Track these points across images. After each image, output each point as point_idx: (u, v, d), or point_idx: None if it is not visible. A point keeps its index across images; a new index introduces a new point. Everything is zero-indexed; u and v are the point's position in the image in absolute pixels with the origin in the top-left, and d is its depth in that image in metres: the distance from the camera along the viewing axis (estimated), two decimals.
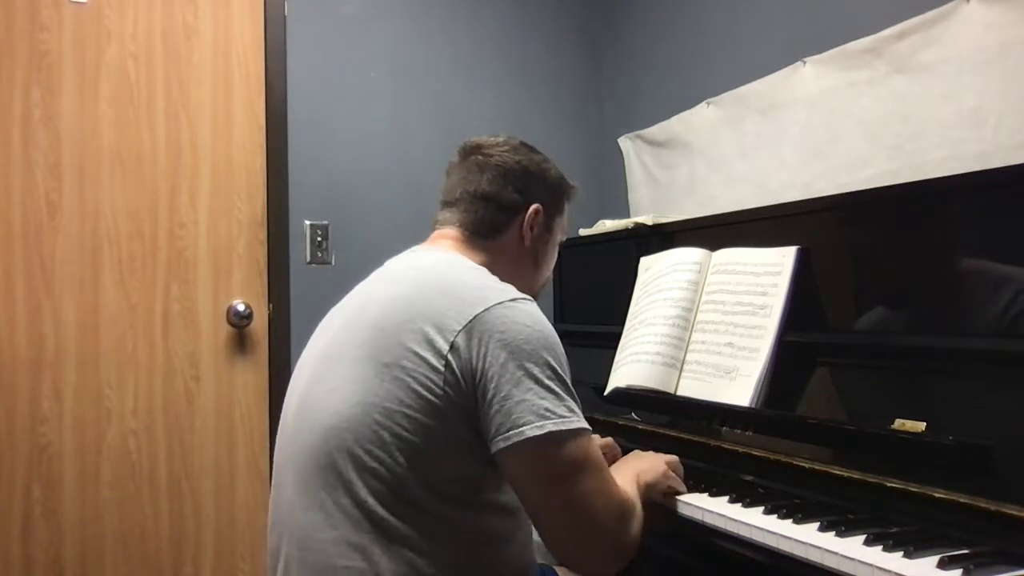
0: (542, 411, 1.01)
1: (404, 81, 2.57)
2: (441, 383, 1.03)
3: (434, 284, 1.11)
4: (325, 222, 2.46)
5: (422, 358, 1.03)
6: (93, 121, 2.23)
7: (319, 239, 2.45)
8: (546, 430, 1.00)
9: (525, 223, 1.27)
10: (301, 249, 2.44)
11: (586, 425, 1.05)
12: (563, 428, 1.01)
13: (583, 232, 2.28)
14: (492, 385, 1.02)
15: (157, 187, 2.29)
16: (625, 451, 1.57)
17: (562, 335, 2.29)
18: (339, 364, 1.10)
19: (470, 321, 1.04)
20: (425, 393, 1.03)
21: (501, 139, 1.31)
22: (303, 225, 2.44)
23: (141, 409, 2.26)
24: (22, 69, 2.17)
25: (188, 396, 2.31)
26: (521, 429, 1.00)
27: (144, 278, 2.27)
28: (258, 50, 2.40)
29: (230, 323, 2.34)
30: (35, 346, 2.16)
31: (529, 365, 1.03)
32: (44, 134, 2.18)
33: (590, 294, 2.25)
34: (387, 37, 2.57)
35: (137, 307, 2.26)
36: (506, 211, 1.26)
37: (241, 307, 2.34)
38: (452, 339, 1.03)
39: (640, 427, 1.67)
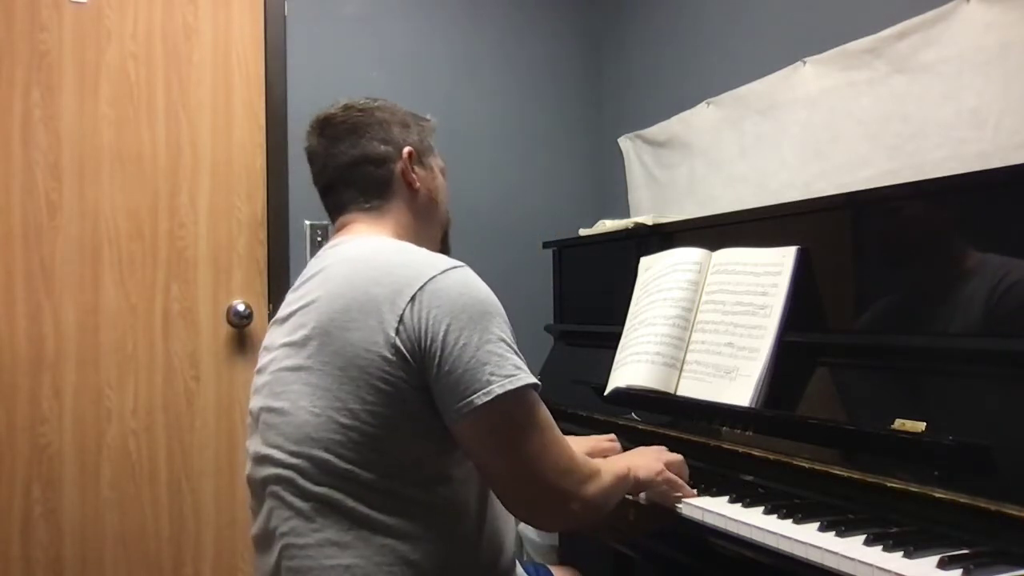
0: (487, 376, 1.02)
1: (404, 81, 2.57)
2: (395, 370, 1.04)
3: (366, 275, 1.10)
4: (325, 222, 2.45)
5: (373, 351, 1.04)
6: (93, 121, 2.23)
7: (319, 239, 2.45)
8: (493, 395, 1.02)
9: (405, 168, 1.26)
10: (301, 249, 2.44)
11: (532, 380, 1.06)
12: (509, 388, 1.02)
13: (583, 232, 2.28)
14: (436, 361, 1.03)
15: (157, 187, 2.29)
16: (626, 451, 1.58)
17: (562, 335, 2.31)
18: (294, 376, 1.10)
19: (408, 301, 1.05)
20: (384, 386, 1.04)
21: (342, 103, 1.30)
22: (303, 225, 2.44)
23: (141, 409, 2.26)
24: (22, 69, 2.17)
25: (188, 396, 2.31)
26: (470, 399, 1.02)
27: (144, 278, 2.27)
28: (258, 50, 2.40)
29: (230, 323, 2.34)
30: (35, 346, 2.16)
31: (467, 333, 1.03)
32: (44, 134, 2.18)
33: (590, 294, 2.25)
34: (387, 37, 2.57)
35: (137, 307, 2.26)
36: (382, 164, 1.25)
37: (241, 307, 2.34)
38: (396, 324, 1.04)
39: (640, 427, 1.67)
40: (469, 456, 1.08)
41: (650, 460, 1.28)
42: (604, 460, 1.23)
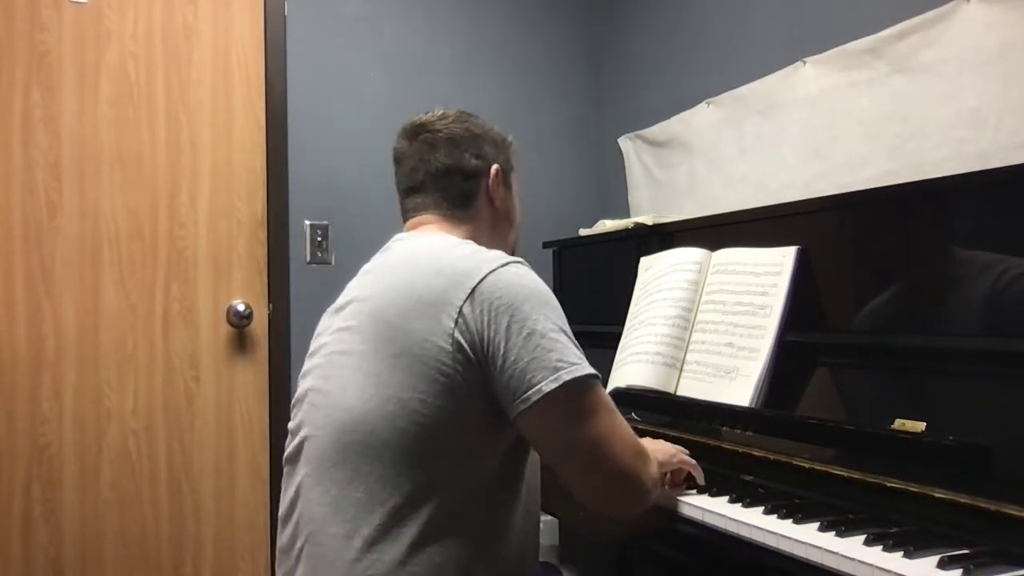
0: (553, 364, 1.03)
1: (404, 81, 2.57)
2: (451, 362, 1.04)
3: (428, 267, 1.12)
4: (325, 222, 2.47)
5: (431, 341, 1.05)
6: (93, 121, 2.23)
7: (319, 239, 2.45)
8: (561, 381, 1.03)
9: (491, 185, 1.29)
10: (301, 249, 2.44)
11: (594, 370, 1.08)
12: (577, 375, 1.04)
13: (583, 232, 2.28)
14: (500, 352, 1.04)
15: (157, 187, 2.29)
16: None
17: None
18: (347, 361, 1.11)
19: (469, 294, 1.06)
20: (438, 376, 1.04)
21: (438, 112, 1.32)
22: (303, 225, 2.44)
23: (141, 409, 2.26)
24: (22, 69, 2.17)
25: (188, 396, 2.31)
26: (539, 387, 1.02)
27: (144, 278, 2.27)
28: (258, 50, 2.40)
29: (230, 323, 2.34)
30: (35, 346, 2.16)
31: (531, 323, 1.05)
32: (44, 134, 2.18)
33: (590, 294, 2.25)
34: (387, 37, 2.57)
35: (137, 307, 2.26)
36: (471, 178, 1.28)
37: (241, 307, 2.34)
38: (455, 316, 1.05)
39: (640, 427, 1.66)
40: (537, 447, 1.08)
41: (664, 444, 1.30)
42: None
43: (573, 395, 1.04)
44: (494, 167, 1.29)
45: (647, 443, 1.23)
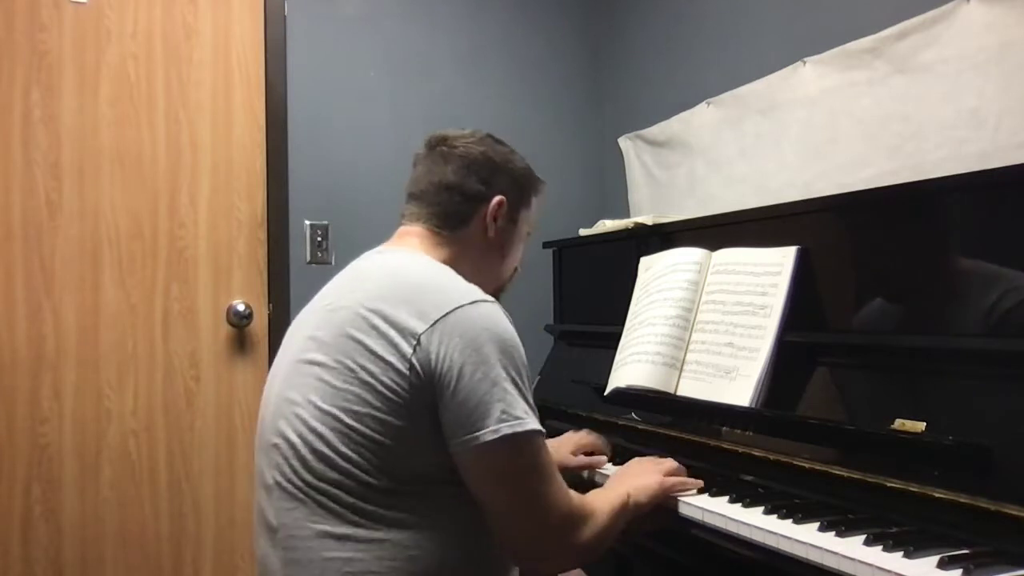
0: (498, 414, 1.04)
1: (404, 81, 2.57)
2: (407, 386, 1.05)
3: (400, 288, 1.12)
4: (325, 222, 2.46)
5: (388, 363, 1.06)
6: (93, 121, 2.23)
7: (319, 239, 2.45)
8: (500, 434, 1.03)
9: (489, 214, 1.28)
10: (301, 249, 2.44)
11: (539, 427, 1.08)
12: (517, 431, 1.04)
13: (583, 232, 2.28)
14: (451, 387, 1.05)
15: (157, 187, 2.29)
16: (625, 451, 1.58)
17: (562, 335, 2.31)
18: (309, 370, 1.12)
19: (433, 324, 1.06)
20: (392, 396, 1.05)
21: (468, 131, 1.32)
22: (303, 225, 2.44)
23: (141, 409, 2.26)
24: (22, 69, 2.17)
25: (188, 396, 2.31)
26: (476, 434, 1.04)
27: (144, 278, 2.27)
28: (258, 50, 2.40)
29: (230, 323, 2.34)
30: (35, 346, 2.16)
31: (485, 367, 1.05)
32: (44, 134, 2.18)
33: (590, 294, 2.25)
34: (387, 37, 2.57)
35: (137, 307, 2.26)
36: (470, 201, 1.27)
37: (241, 307, 2.34)
38: (414, 343, 1.06)
39: (640, 427, 1.67)
40: (470, 487, 1.08)
41: (647, 479, 1.28)
42: (602, 491, 1.25)
43: (510, 450, 1.05)
44: (497, 197, 1.28)
45: (632, 487, 1.23)
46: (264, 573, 1.16)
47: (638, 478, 1.29)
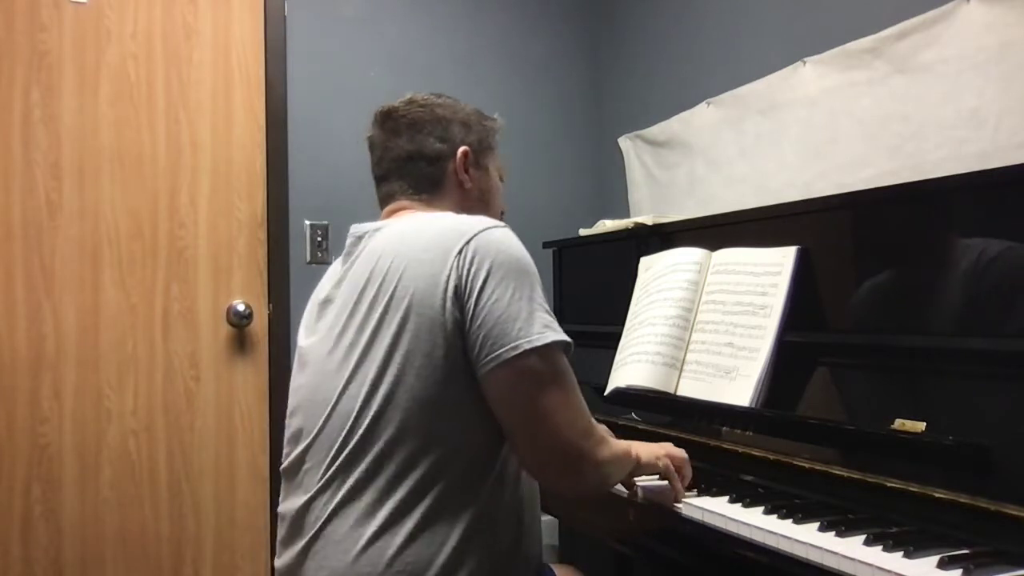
0: (516, 331, 1.05)
1: (404, 81, 2.56)
2: (451, 325, 1.06)
3: (415, 243, 1.13)
4: (325, 222, 2.46)
5: (428, 317, 1.07)
6: (93, 121, 2.23)
7: (319, 239, 2.45)
8: (520, 350, 1.04)
9: (458, 167, 1.28)
10: (301, 249, 2.44)
11: (561, 337, 1.08)
12: (536, 344, 1.05)
13: (583, 232, 2.28)
14: (472, 310, 1.06)
15: (157, 187, 2.29)
16: None
17: None
18: (348, 350, 1.12)
19: (457, 254, 1.08)
20: (438, 351, 1.06)
21: (407, 97, 1.32)
22: (303, 225, 2.44)
23: (141, 409, 2.26)
24: (22, 69, 2.17)
25: (188, 396, 2.31)
26: (498, 353, 1.05)
27: (144, 278, 2.27)
28: (258, 50, 2.40)
29: (230, 323, 2.34)
30: (35, 346, 2.16)
31: (503, 287, 1.07)
32: (44, 134, 2.18)
33: (590, 294, 2.25)
34: (387, 37, 2.57)
35: (137, 307, 2.26)
36: (435, 162, 1.27)
37: (241, 307, 2.34)
38: (445, 282, 1.07)
39: (640, 427, 1.67)
40: (494, 409, 1.09)
41: (652, 447, 1.29)
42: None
43: (530, 365, 1.05)
44: (461, 149, 1.28)
45: (635, 446, 1.24)
46: (289, 551, 1.15)
47: (642, 445, 1.29)
